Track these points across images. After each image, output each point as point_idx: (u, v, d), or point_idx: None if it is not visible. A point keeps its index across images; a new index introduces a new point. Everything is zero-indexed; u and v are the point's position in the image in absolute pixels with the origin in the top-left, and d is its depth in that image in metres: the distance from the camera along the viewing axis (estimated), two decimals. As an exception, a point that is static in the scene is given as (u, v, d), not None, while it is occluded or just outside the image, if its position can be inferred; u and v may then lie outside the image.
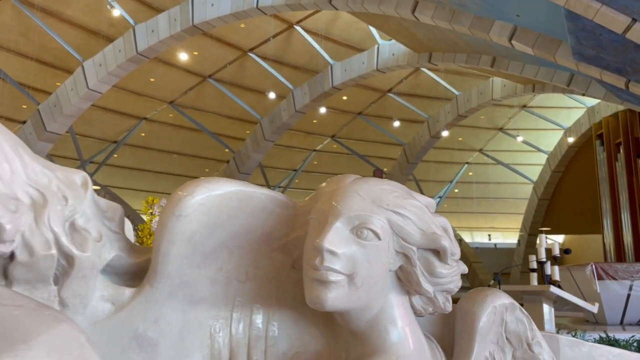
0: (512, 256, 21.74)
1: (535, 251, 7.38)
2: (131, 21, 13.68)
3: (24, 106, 16.04)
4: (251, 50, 16.76)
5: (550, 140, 20.74)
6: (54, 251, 1.05)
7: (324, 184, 1.24)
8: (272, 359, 1.21)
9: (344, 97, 18.91)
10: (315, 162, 23.20)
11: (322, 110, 17.98)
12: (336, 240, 1.08)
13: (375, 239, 1.10)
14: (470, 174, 24.19)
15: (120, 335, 1.13)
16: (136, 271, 1.22)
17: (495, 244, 24.49)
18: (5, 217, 0.98)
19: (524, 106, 20.20)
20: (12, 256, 1.03)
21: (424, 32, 12.45)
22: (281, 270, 1.26)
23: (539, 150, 21.38)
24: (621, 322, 9.07)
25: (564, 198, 20.23)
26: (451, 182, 24.46)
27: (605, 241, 16.15)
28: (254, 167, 19.20)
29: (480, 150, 23.29)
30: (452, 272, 1.18)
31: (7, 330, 0.81)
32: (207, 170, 21.14)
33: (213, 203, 1.13)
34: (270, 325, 1.23)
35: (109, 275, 1.20)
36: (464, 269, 1.21)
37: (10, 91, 14.78)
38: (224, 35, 15.74)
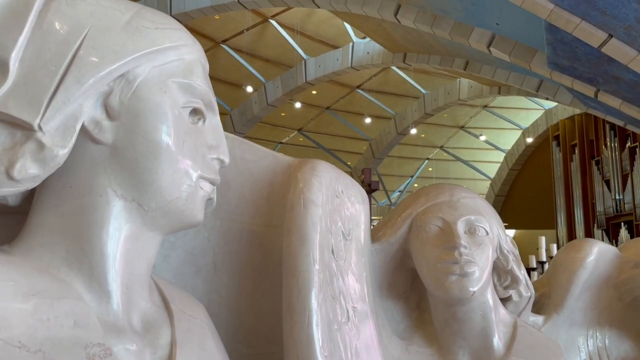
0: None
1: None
2: (104, 8, 13.33)
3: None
4: (224, 41, 16.65)
5: (509, 139, 21.69)
6: (529, 294, 1.60)
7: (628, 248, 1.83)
8: None
9: (313, 92, 19.06)
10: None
11: (297, 105, 18.10)
12: None
13: None
14: (430, 169, 24.94)
15: None
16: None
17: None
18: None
19: (485, 106, 21.00)
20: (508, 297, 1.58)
21: (402, 34, 12.81)
22: (611, 302, 1.82)
23: (498, 148, 22.31)
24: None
25: (519, 195, 21.26)
26: (412, 177, 25.15)
27: (559, 235, 17.17)
28: (222, 159, 19.10)
29: (441, 147, 24.04)
30: None
31: (545, 346, 1.48)
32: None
33: (597, 258, 1.75)
34: (606, 339, 1.83)
35: None
36: None
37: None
38: (197, 26, 15.54)
